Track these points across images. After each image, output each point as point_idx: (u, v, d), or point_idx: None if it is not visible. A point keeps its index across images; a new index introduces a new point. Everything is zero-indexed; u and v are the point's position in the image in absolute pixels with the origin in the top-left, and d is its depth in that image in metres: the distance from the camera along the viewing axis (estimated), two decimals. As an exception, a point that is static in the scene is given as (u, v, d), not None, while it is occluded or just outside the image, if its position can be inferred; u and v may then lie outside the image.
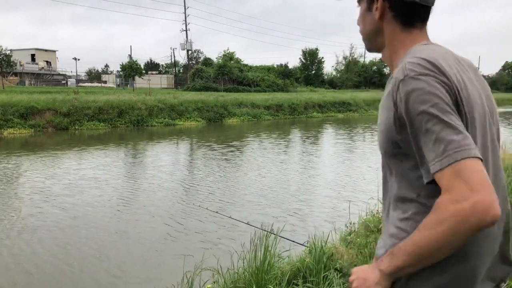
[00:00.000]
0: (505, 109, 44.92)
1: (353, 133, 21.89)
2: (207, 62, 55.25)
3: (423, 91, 0.99)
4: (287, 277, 3.40)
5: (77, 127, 21.69)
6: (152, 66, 75.25)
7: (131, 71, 39.72)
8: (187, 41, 56.34)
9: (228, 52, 55.49)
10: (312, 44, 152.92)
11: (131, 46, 68.44)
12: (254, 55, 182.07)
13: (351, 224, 5.07)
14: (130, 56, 55.33)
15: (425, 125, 0.98)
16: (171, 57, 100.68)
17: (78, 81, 53.17)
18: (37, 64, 54.46)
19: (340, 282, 3.18)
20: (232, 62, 51.30)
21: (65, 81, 51.15)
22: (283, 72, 54.14)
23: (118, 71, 53.21)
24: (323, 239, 3.76)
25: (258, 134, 21.00)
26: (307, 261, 3.58)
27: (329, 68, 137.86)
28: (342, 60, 71.93)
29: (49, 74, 55.73)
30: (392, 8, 1.15)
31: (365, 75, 67.79)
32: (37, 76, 52.40)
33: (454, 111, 0.99)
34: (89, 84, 51.85)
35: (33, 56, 56.80)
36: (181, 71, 71.23)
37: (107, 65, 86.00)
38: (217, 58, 55.47)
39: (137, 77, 41.62)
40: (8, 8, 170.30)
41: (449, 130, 0.96)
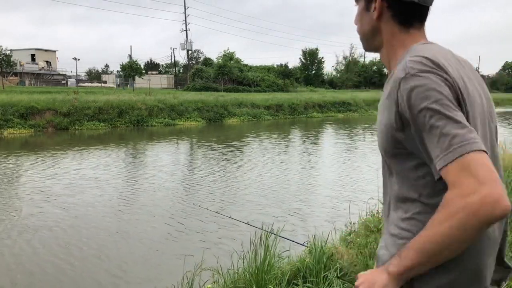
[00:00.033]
0: (505, 109, 44.88)
1: (353, 133, 21.89)
2: (207, 62, 55.26)
3: (425, 88, 0.98)
4: (287, 277, 3.40)
5: (77, 127, 21.70)
6: (152, 66, 75.29)
7: (131, 71, 39.74)
8: (187, 41, 56.37)
9: (228, 52, 55.56)
10: (312, 44, 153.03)
11: (131, 46, 68.63)
12: (254, 55, 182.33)
13: (351, 224, 5.07)
14: (130, 56, 55.39)
15: (429, 121, 0.97)
16: (171, 57, 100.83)
17: (78, 81, 53.19)
18: (37, 64, 54.47)
19: (340, 282, 3.18)
20: (232, 62, 51.32)
21: (65, 81, 51.16)
22: (283, 72, 54.15)
23: (118, 71, 53.23)
24: (323, 239, 3.76)
25: (258, 134, 21.00)
26: (307, 261, 3.58)
27: (329, 68, 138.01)
28: (342, 60, 72.09)
29: (49, 74, 55.74)
30: (390, 8, 1.14)
31: (365, 75, 67.82)
32: (37, 76, 52.40)
33: (457, 107, 0.98)
34: (89, 84, 51.87)
35: (33, 56, 56.81)
36: (181, 71, 71.26)
37: (107, 65, 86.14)
38: (217, 58, 55.56)
39: (137, 77, 41.64)
40: (8, 8, 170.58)
41: (453, 124, 0.95)
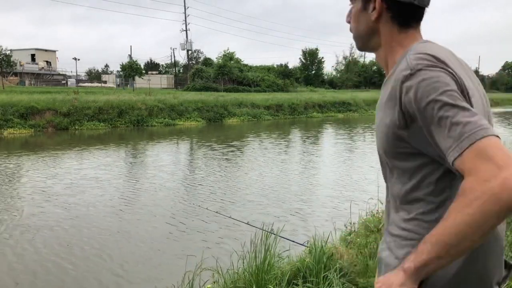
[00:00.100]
0: (505, 109, 44.87)
1: (353, 133, 21.90)
2: (207, 62, 55.27)
3: (432, 80, 0.97)
4: (287, 277, 3.40)
5: (77, 127, 21.70)
6: (152, 66, 75.30)
7: (131, 71, 39.74)
8: (187, 41, 56.37)
9: (228, 52, 55.56)
10: (312, 44, 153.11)
11: (131, 46, 68.64)
12: (254, 55, 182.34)
13: (351, 224, 5.07)
14: (130, 56, 55.39)
15: (438, 113, 0.94)
16: (171, 57, 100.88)
17: (78, 81, 53.19)
18: (37, 64, 54.48)
19: (340, 282, 3.19)
20: (232, 62, 51.32)
21: (65, 81, 51.17)
22: (283, 72, 54.15)
23: (118, 71, 53.26)
24: (323, 239, 3.76)
25: (258, 134, 21.00)
26: (307, 261, 3.58)
27: (329, 68, 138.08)
28: (342, 60, 72.03)
29: (49, 74, 55.75)
30: (389, 9, 1.13)
31: (365, 75, 67.82)
32: (37, 76, 52.42)
33: (464, 99, 0.96)
34: (89, 84, 51.87)
35: (33, 56, 56.83)
36: (181, 71, 71.27)
37: (107, 65, 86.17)
38: (217, 58, 55.55)
39: (137, 77, 41.64)
40: (8, 8, 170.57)
41: (464, 112, 0.93)
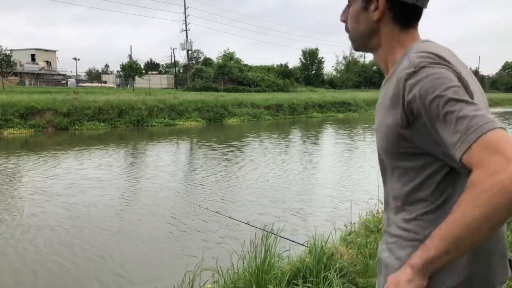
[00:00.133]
0: (505, 109, 44.86)
1: (353, 133, 21.90)
2: (207, 62, 55.27)
3: (436, 76, 0.97)
4: (287, 277, 3.40)
5: (77, 127, 21.70)
6: (152, 66, 75.30)
7: (131, 71, 39.74)
8: (187, 41, 56.37)
9: (228, 52, 55.58)
10: (312, 44, 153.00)
11: (131, 46, 68.51)
12: (254, 55, 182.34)
13: (351, 224, 5.08)
14: (130, 56, 55.37)
15: (443, 109, 0.93)
16: (171, 57, 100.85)
17: (78, 81, 53.20)
18: (37, 64, 54.48)
19: (340, 282, 3.19)
20: (232, 62, 51.33)
21: (65, 81, 51.17)
22: (283, 72, 54.16)
23: (118, 71, 53.25)
24: (323, 239, 3.76)
25: (258, 134, 21.01)
26: (307, 261, 3.59)
27: (329, 68, 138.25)
28: (342, 60, 72.09)
29: (49, 74, 55.75)
30: (391, 9, 1.13)
31: (365, 75, 67.82)
32: (37, 76, 52.42)
33: (468, 95, 0.95)
34: (89, 84, 51.88)
35: (33, 56, 56.83)
36: (181, 71, 71.28)
37: (107, 65, 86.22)
38: (217, 58, 55.58)
39: (137, 77, 41.64)
40: (8, 8, 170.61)
41: (470, 106, 0.92)
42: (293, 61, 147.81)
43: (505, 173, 0.84)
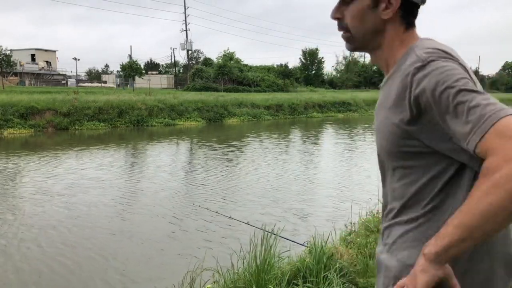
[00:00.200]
0: (505, 109, 44.81)
1: (354, 133, 21.91)
2: (207, 62, 55.26)
3: (445, 69, 0.97)
4: (287, 277, 3.40)
5: (77, 127, 21.69)
6: (152, 66, 75.29)
7: (131, 71, 39.73)
8: (187, 41, 56.37)
9: (228, 52, 55.57)
10: (312, 44, 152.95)
11: (131, 46, 68.50)
12: (254, 55, 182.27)
13: (351, 224, 5.09)
14: (130, 56, 55.36)
15: (454, 99, 0.93)
16: (171, 57, 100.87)
17: (78, 81, 53.21)
18: (37, 64, 54.48)
19: (340, 282, 3.19)
20: (232, 62, 51.31)
21: (65, 81, 51.18)
22: (283, 72, 54.14)
23: (118, 71, 53.25)
24: (323, 239, 3.77)
25: (258, 134, 21.01)
26: (307, 261, 3.59)
27: (329, 68, 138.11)
28: (342, 60, 72.03)
29: (49, 74, 55.76)
30: (401, 8, 1.11)
31: (365, 75, 67.79)
32: (37, 76, 52.42)
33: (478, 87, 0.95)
34: (89, 84, 51.87)
35: (33, 56, 56.83)
36: (181, 71, 71.27)
37: (107, 65, 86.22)
38: (217, 58, 55.55)
39: (137, 77, 41.64)
40: (8, 8, 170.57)
41: (481, 96, 0.92)
42: (293, 61, 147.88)
43: None
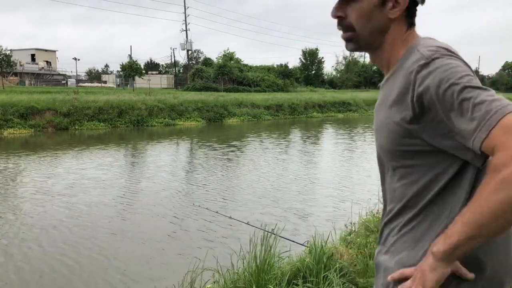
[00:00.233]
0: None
1: (354, 133, 21.92)
2: (207, 62, 55.25)
3: (449, 66, 0.96)
4: (287, 277, 3.40)
5: (77, 127, 21.70)
6: (152, 66, 75.30)
7: (131, 71, 39.73)
8: (187, 41, 56.38)
9: (228, 52, 55.54)
10: (312, 44, 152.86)
11: (131, 46, 68.57)
12: (254, 55, 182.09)
13: (351, 224, 5.10)
14: (130, 56, 55.39)
15: (459, 96, 0.92)
16: (171, 57, 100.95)
17: (78, 81, 53.22)
18: (37, 64, 54.49)
19: (340, 282, 3.20)
20: (232, 62, 51.31)
21: (65, 81, 51.18)
22: (283, 72, 54.15)
23: (118, 71, 53.26)
24: (323, 239, 3.77)
25: (258, 134, 21.02)
26: (307, 261, 3.59)
27: (329, 68, 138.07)
28: (342, 60, 72.00)
29: (49, 74, 55.76)
30: (407, 8, 1.11)
31: (365, 75, 67.79)
32: (37, 76, 52.42)
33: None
34: (89, 84, 51.88)
35: (33, 56, 56.83)
36: (181, 71, 71.28)
37: (107, 65, 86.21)
38: (217, 58, 55.53)
39: (137, 77, 41.64)
40: (8, 8, 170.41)
41: (486, 92, 0.91)
42: (293, 61, 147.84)
43: None
